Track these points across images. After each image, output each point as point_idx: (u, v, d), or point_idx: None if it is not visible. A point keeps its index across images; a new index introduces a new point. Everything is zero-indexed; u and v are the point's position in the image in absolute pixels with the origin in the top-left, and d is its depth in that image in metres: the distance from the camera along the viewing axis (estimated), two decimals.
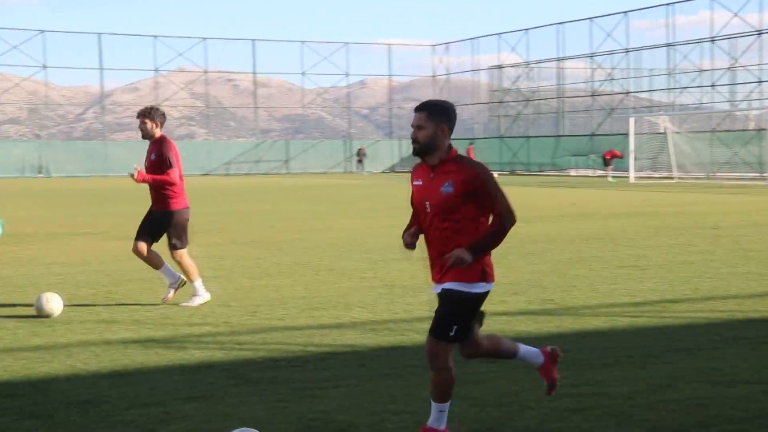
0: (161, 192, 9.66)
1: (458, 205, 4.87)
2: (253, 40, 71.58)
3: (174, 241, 9.63)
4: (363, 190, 38.80)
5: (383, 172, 69.07)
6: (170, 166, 9.63)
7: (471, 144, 60.43)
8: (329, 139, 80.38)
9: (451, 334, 4.87)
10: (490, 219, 4.96)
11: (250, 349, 7.53)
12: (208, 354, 7.34)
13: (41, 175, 59.72)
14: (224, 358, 7.20)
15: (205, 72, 71.79)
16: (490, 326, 8.23)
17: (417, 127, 4.93)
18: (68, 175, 59.71)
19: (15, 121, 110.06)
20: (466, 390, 5.96)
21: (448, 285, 4.91)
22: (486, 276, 4.94)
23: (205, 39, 70.34)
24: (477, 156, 57.74)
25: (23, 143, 70.92)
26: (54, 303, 8.85)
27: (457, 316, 4.89)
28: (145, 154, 9.91)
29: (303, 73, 73.11)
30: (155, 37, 68.70)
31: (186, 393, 6.09)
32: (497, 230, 4.90)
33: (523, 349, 5.40)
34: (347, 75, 76.15)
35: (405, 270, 12.14)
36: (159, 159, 9.65)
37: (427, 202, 4.96)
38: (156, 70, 69.67)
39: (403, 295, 10.13)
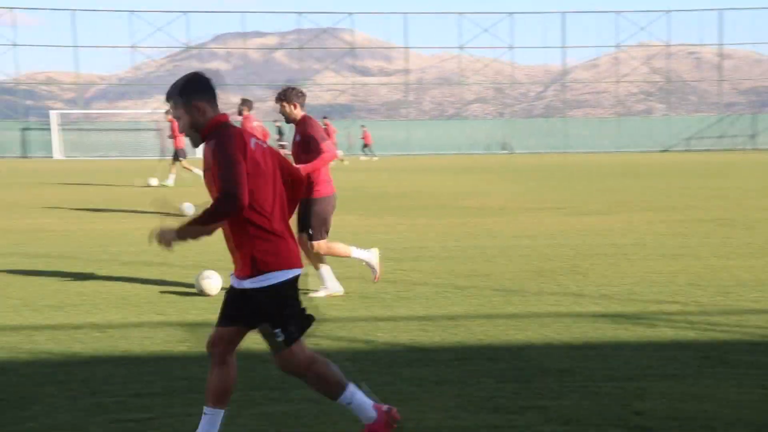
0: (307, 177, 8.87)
1: (211, 185, 4.35)
2: (720, 9, 68.40)
3: (312, 231, 8.90)
4: None
5: None
6: (321, 140, 8.77)
7: None
8: None
9: (294, 336, 4.41)
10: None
11: (724, 331, 7.24)
12: (680, 333, 7.18)
13: (505, 152, 62.46)
14: (697, 338, 7.00)
15: (667, 45, 70.08)
16: None
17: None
18: (530, 152, 61.76)
19: (482, 100, 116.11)
20: None
21: (245, 282, 4.35)
22: (259, 265, 4.29)
23: (668, 12, 68.65)
24: None
25: (489, 121, 74.66)
26: (207, 282, 8.74)
27: (275, 318, 4.36)
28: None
29: None
30: (617, 12, 68.53)
31: (659, 370, 6.03)
32: (206, 210, 4.19)
33: (358, 396, 4.63)
34: None
35: None
36: (303, 140, 8.89)
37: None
38: (617, 46, 69.50)
39: None
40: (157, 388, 5.67)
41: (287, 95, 8.94)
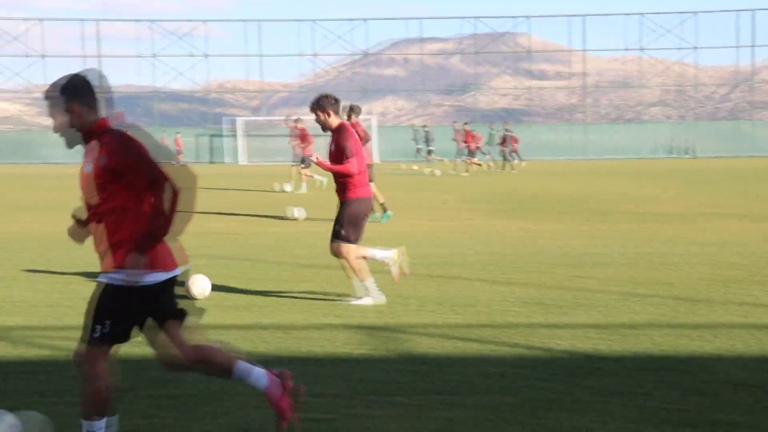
0: (340, 181, 8.79)
1: (98, 187, 4.31)
2: None
3: (341, 229, 8.67)
4: None
5: None
6: (349, 156, 8.65)
7: None
8: None
9: (95, 335, 4.31)
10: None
11: None
12: None
13: (687, 156, 60.28)
14: None
15: None
16: None
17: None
18: (713, 156, 59.36)
19: (662, 102, 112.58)
20: None
21: (102, 277, 4.38)
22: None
23: None
24: None
25: (670, 124, 72.28)
26: (196, 288, 8.73)
27: (99, 312, 4.32)
28: None
29: None
30: None
31: None
32: (153, 212, 4.27)
33: (242, 367, 4.65)
34: None
35: None
36: (338, 149, 8.74)
37: (81, 186, 4.46)
38: None
39: None
40: (339, 390, 5.79)
41: (321, 103, 8.80)
